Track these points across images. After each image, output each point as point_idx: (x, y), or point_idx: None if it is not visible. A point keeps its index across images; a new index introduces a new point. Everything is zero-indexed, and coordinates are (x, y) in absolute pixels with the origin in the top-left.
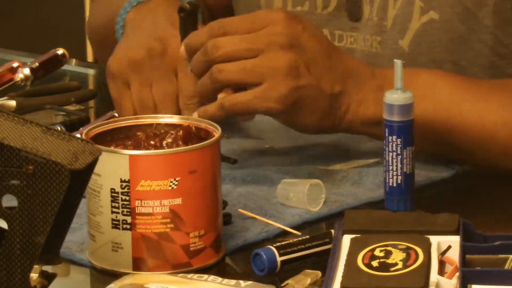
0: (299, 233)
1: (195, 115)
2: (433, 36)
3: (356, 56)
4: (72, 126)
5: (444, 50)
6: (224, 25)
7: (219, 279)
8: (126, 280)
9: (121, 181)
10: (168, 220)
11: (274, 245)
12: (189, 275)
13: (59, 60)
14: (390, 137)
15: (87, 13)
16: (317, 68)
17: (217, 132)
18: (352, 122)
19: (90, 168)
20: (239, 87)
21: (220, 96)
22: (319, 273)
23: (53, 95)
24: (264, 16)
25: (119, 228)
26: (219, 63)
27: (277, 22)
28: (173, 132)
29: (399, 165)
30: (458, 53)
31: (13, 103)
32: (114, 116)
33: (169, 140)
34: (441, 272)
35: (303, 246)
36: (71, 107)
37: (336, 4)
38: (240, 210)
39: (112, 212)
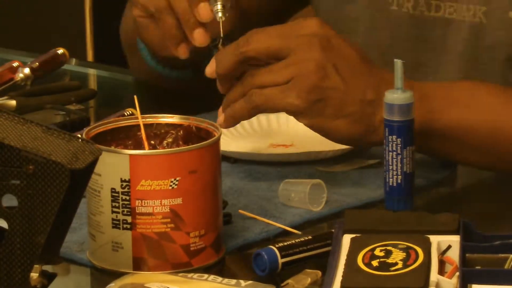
0: (299, 233)
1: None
2: None
3: (455, 27)
4: (72, 126)
5: None
6: (256, 32)
7: (219, 278)
8: (126, 280)
9: (122, 180)
10: (169, 220)
11: (276, 245)
12: (190, 275)
13: (59, 60)
14: (390, 137)
15: (87, 13)
16: (348, 72)
17: (217, 132)
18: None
19: (90, 168)
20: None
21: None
22: (319, 273)
23: (53, 94)
24: (297, 22)
25: (119, 228)
26: (248, 57)
27: (310, 26)
28: (173, 132)
29: (399, 165)
30: None
31: (13, 102)
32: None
33: (170, 140)
34: (441, 271)
35: (305, 248)
36: (71, 107)
37: None
38: (240, 211)
39: (113, 211)
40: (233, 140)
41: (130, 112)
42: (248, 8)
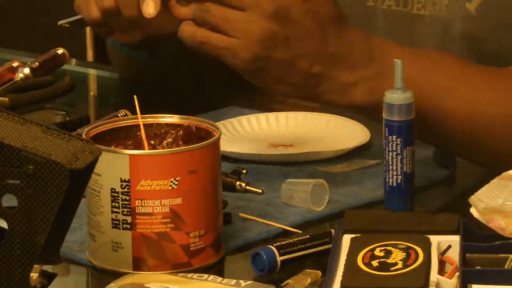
0: (299, 231)
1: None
2: (503, 0)
3: (426, 22)
4: (72, 126)
5: None
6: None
7: (219, 278)
8: (126, 280)
9: (121, 180)
10: (168, 220)
11: (274, 244)
12: (189, 275)
13: (59, 60)
14: (390, 137)
15: None
16: (298, 45)
17: (217, 132)
18: (333, 102)
19: (90, 167)
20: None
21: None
22: (319, 273)
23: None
24: None
25: (119, 228)
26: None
27: None
28: (173, 132)
29: (399, 165)
30: None
31: (6, 100)
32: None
33: (169, 140)
34: (441, 271)
35: (303, 246)
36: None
37: None
38: (241, 214)
39: (112, 212)
40: (233, 141)
41: (124, 113)
42: None
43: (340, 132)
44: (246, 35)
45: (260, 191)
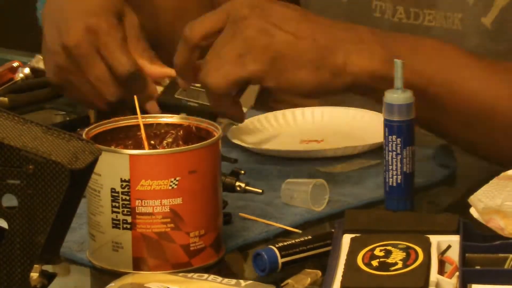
0: (300, 231)
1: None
2: None
3: (434, 34)
4: (72, 126)
5: None
6: (193, 26)
7: (219, 278)
8: (126, 280)
9: (122, 180)
10: (169, 219)
11: (276, 245)
12: (189, 275)
13: None
14: (390, 137)
15: None
16: (291, 25)
17: (217, 132)
18: (357, 75)
19: (90, 167)
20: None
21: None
22: (319, 273)
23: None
24: (227, 4)
25: (119, 228)
26: (195, 44)
27: (240, 3)
28: (173, 132)
29: (399, 165)
30: None
31: (5, 100)
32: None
33: (170, 140)
34: (441, 271)
35: (304, 248)
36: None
37: None
38: (241, 214)
39: (113, 211)
40: (263, 137)
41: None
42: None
43: (368, 126)
44: (243, 42)
45: (260, 191)
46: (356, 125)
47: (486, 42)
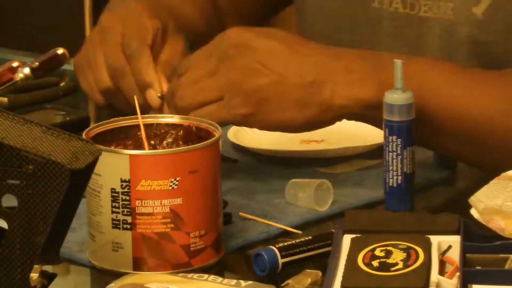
0: (300, 232)
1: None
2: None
3: (431, 25)
4: (72, 126)
5: None
6: (187, 62)
7: (220, 278)
8: (126, 280)
9: (122, 181)
10: (169, 220)
11: (276, 245)
12: (189, 275)
13: (59, 60)
14: (390, 137)
15: (87, 13)
16: (276, 64)
17: (217, 132)
18: (345, 107)
19: (90, 168)
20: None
21: None
22: (319, 273)
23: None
24: (217, 38)
25: (119, 228)
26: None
27: (226, 39)
28: (173, 132)
29: (399, 166)
30: None
31: (4, 100)
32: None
33: (170, 140)
34: (442, 272)
35: (305, 248)
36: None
37: None
38: (241, 213)
39: (113, 212)
40: (261, 138)
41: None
42: (224, 9)
43: (368, 126)
44: (228, 84)
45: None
46: (356, 126)
47: (476, 32)
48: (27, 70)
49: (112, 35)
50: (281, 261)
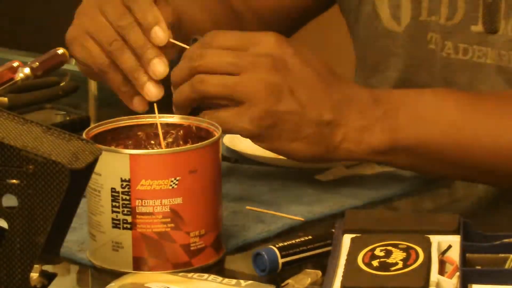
0: (302, 219)
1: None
2: None
3: (487, 71)
4: (72, 126)
5: None
6: (214, 37)
7: (220, 278)
8: (126, 280)
9: (122, 180)
10: (169, 219)
11: (276, 245)
12: (190, 275)
13: (59, 60)
14: None
15: None
16: (304, 94)
17: (217, 132)
18: (352, 151)
19: (90, 167)
20: (217, 102)
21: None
22: (319, 273)
23: (40, 90)
24: (255, 35)
25: (119, 228)
26: (201, 72)
27: (266, 44)
28: (173, 131)
29: None
30: None
31: (4, 99)
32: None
33: (170, 139)
34: (442, 271)
35: (305, 248)
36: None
37: (463, 16)
38: (248, 207)
39: (113, 211)
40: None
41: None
42: (260, 8)
43: None
44: (250, 95)
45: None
46: None
47: None
48: (27, 70)
49: None
50: (281, 261)
